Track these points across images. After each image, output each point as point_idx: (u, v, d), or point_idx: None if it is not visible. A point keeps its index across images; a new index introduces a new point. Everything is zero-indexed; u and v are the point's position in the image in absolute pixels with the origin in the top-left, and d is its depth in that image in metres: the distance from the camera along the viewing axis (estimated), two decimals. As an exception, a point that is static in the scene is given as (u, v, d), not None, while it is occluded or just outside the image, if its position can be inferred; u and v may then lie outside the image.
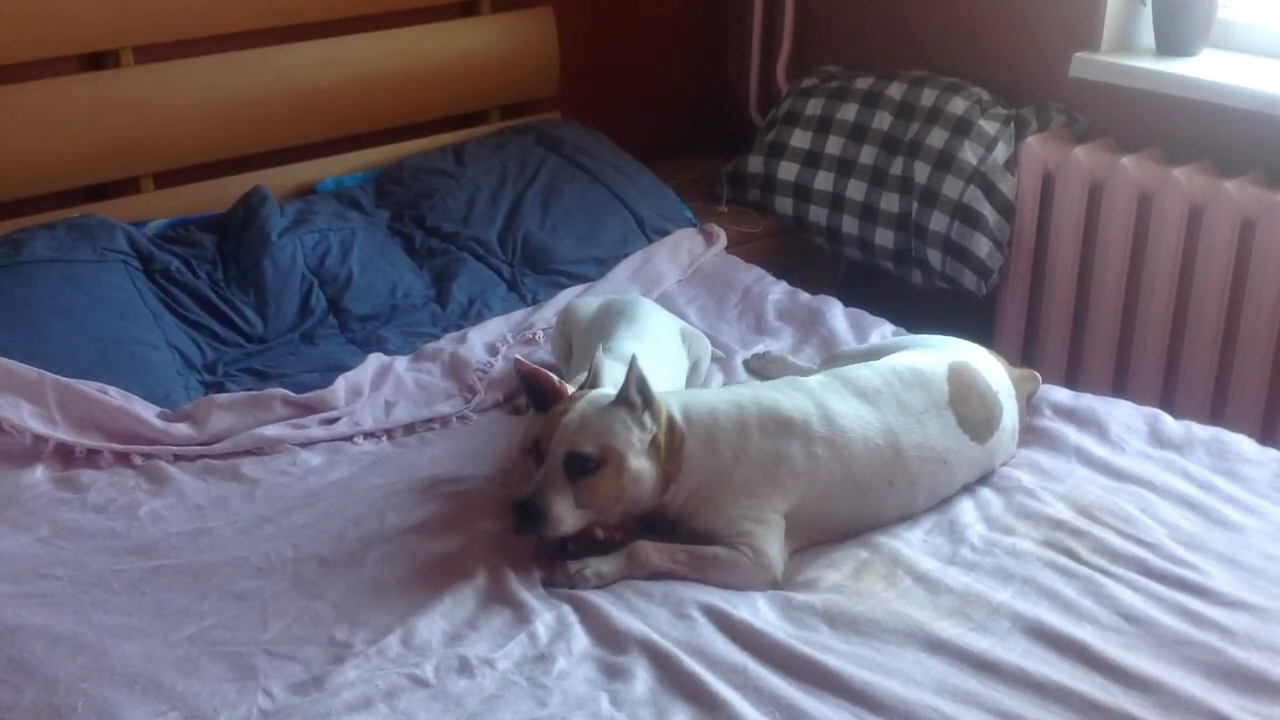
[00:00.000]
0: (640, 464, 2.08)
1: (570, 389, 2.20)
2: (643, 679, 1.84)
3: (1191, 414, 2.73)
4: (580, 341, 2.61)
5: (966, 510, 2.25)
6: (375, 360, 2.73)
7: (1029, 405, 2.53)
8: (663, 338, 2.58)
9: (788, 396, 2.20)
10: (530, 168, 3.37)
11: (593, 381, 2.18)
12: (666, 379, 2.41)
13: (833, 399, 2.21)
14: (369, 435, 2.54)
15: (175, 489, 2.34)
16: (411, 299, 3.01)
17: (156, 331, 2.72)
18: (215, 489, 2.35)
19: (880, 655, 1.89)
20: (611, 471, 2.05)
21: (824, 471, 2.15)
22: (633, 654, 1.89)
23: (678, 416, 2.13)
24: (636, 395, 2.06)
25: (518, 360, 2.24)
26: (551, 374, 2.24)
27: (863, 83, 3.49)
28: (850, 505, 2.18)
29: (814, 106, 3.54)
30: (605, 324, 2.58)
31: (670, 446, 2.11)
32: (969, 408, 2.29)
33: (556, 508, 2.03)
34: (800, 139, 3.53)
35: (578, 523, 2.06)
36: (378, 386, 2.67)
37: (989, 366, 2.40)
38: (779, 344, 2.88)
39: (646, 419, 2.08)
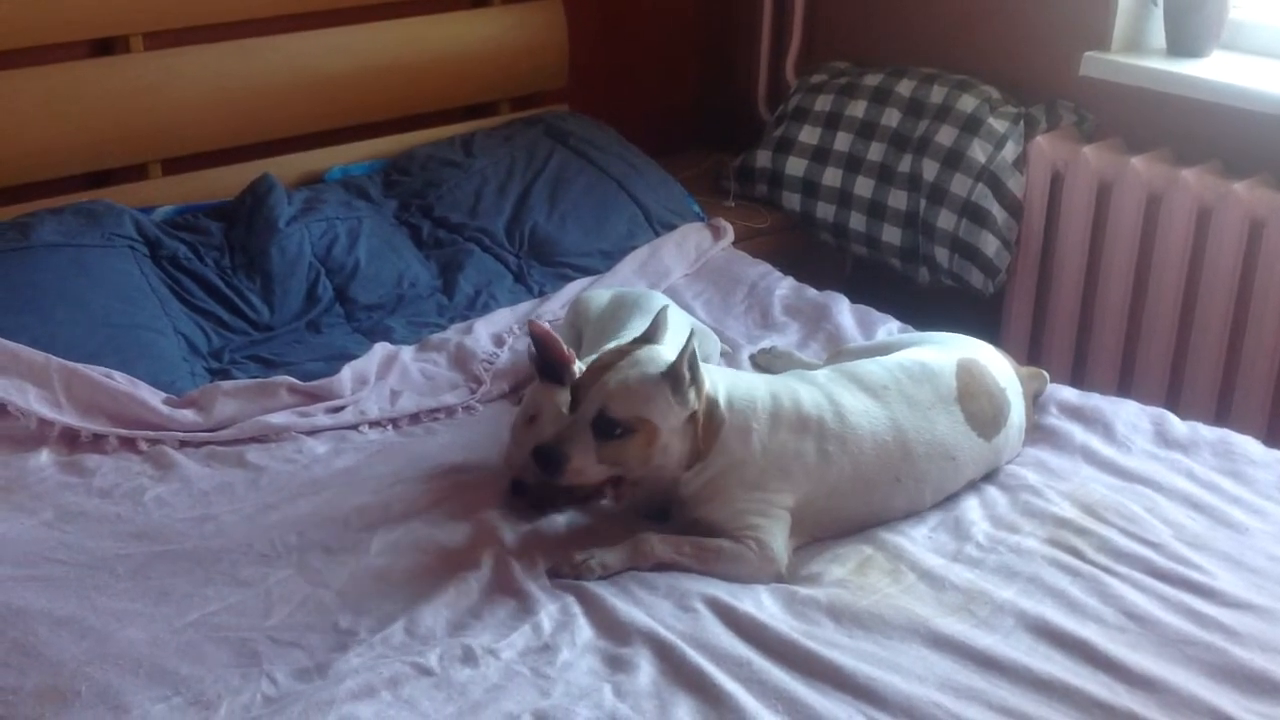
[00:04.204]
0: (671, 439, 2.06)
1: (579, 364, 2.21)
2: (646, 670, 1.84)
3: (1198, 414, 2.73)
4: (590, 333, 2.61)
5: (972, 508, 2.25)
6: (381, 349, 2.73)
7: (1035, 403, 2.53)
8: (676, 332, 2.57)
9: (806, 391, 2.20)
10: (538, 160, 3.37)
11: (650, 335, 2.15)
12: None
13: (843, 394, 2.21)
14: (374, 424, 2.54)
15: (180, 475, 2.34)
16: (418, 289, 3.01)
17: (163, 318, 2.72)
18: (220, 475, 2.35)
19: (884, 651, 1.89)
20: (640, 440, 2.04)
21: (834, 469, 2.15)
22: (636, 645, 1.89)
23: (722, 400, 2.11)
24: (686, 371, 2.04)
25: (531, 321, 2.24)
26: (563, 343, 2.24)
27: (872, 79, 3.49)
28: (857, 501, 2.18)
29: (823, 102, 3.54)
30: (618, 317, 2.58)
31: (708, 428, 2.09)
32: (977, 404, 2.29)
33: (577, 459, 2.02)
34: (809, 135, 3.53)
35: (597, 475, 2.06)
36: (383, 376, 2.67)
37: (997, 364, 2.40)
38: (785, 339, 2.88)
39: (690, 395, 2.06)
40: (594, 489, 2.14)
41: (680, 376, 2.04)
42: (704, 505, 2.12)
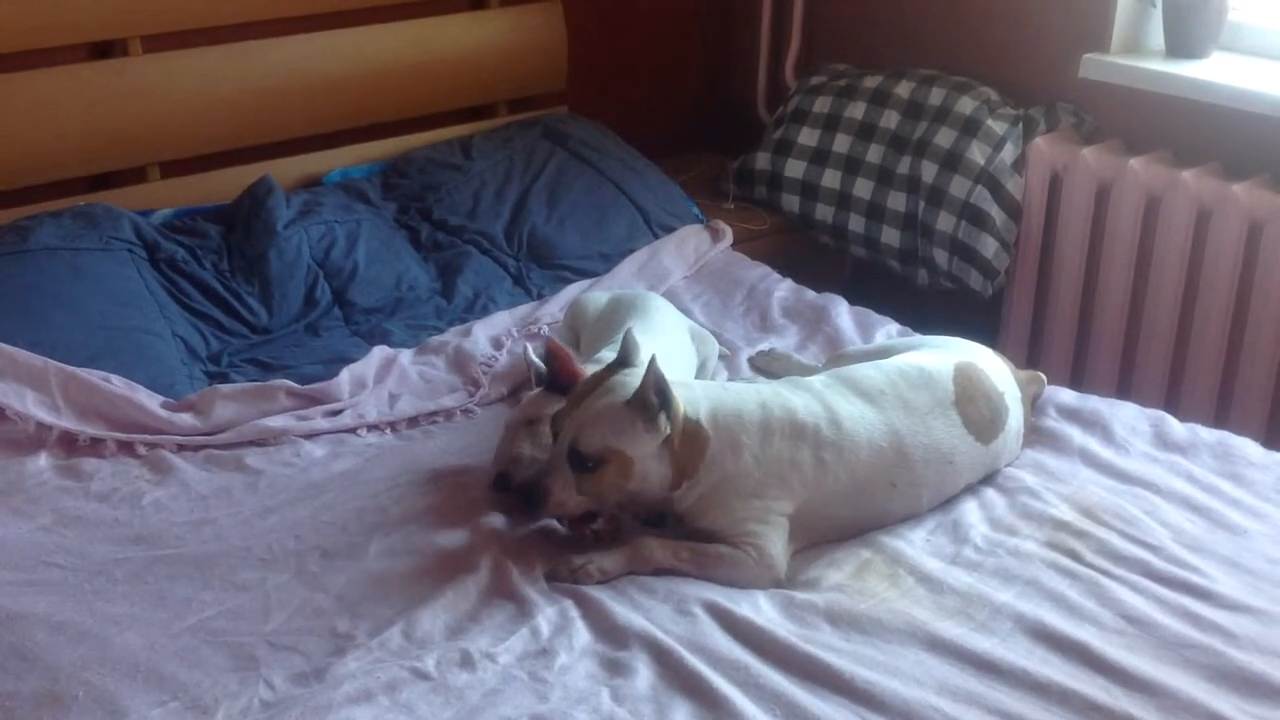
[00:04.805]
0: (647, 465, 2.06)
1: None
2: (644, 675, 1.84)
3: (1197, 417, 2.72)
4: (588, 335, 2.61)
5: (970, 510, 2.25)
6: (379, 352, 2.73)
7: (1034, 407, 2.53)
8: (672, 334, 2.57)
9: (799, 398, 2.19)
10: (537, 162, 3.37)
11: (624, 358, 2.14)
12: (676, 376, 2.39)
13: (838, 401, 2.20)
14: (373, 427, 2.54)
15: (178, 479, 2.34)
16: (417, 292, 3.01)
17: (161, 321, 2.72)
18: (218, 479, 2.35)
19: (882, 654, 1.89)
20: (613, 471, 2.05)
21: (830, 476, 2.14)
22: (634, 649, 1.89)
23: (704, 419, 2.10)
24: (654, 398, 2.04)
25: (549, 339, 2.23)
26: (576, 359, 2.23)
27: (871, 81, 3.49)
28: (853, 506, 2.17)
29: (822, 104, 3.54)
30: (614, 319, 2.57)
31: (690, 447, 2.08)
32: (974, 408, 2.29)
33: (558, 492, 2.04)
34: (808, 137, 3.53)
35: (578, 507, 2.07)
36: (382, 379, 2.66)
37: (995, 367, 2.39)
38: (784, 342, 2.88)
39: (662, 420, 2.05)
40: (581, 520, 2.12)
41: (648, 404, 2.04)
42: (701, 518, 2.12)
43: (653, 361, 2.04)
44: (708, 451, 2.09)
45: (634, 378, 2.09)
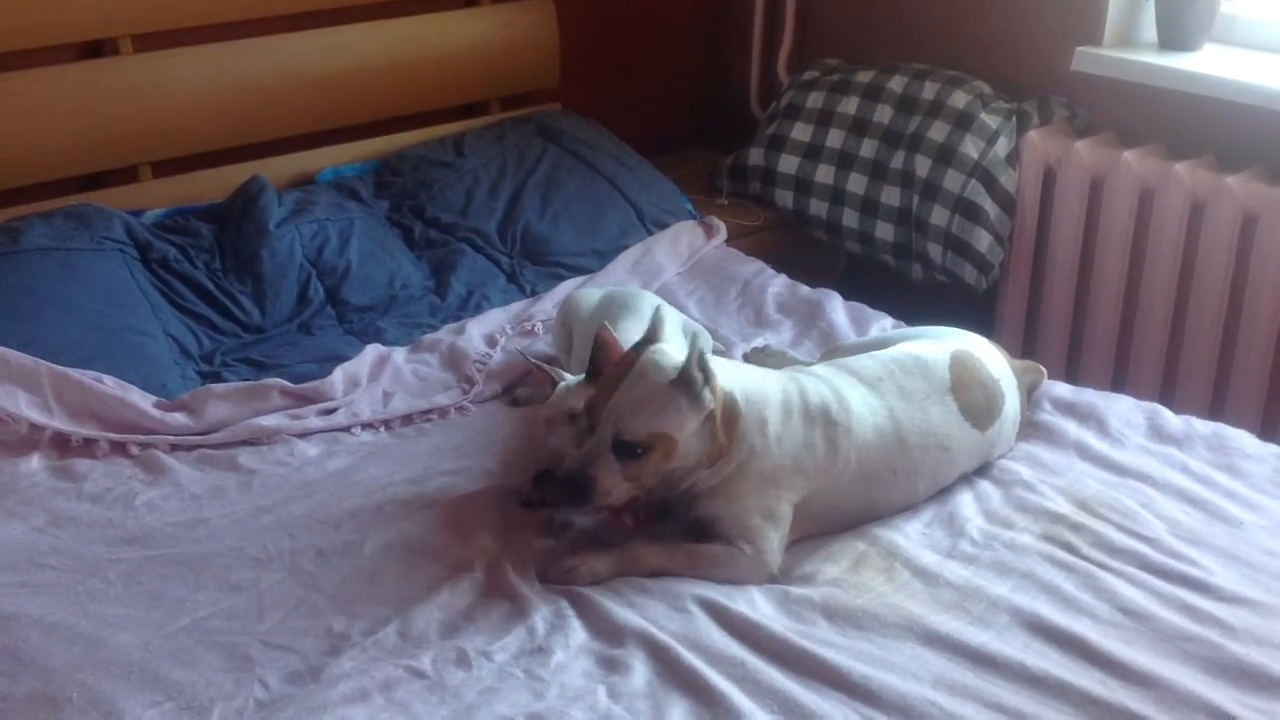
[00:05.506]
0: (690, 444, 2.04)
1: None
2: (640, 672, 1.84)
3: (1192, 409, 2.72)
4: (581, 332, 2.60)
5: (966, 503, 2.24)
6: (373, 351, 2.72)
7: (1031, 398, 2.53)
8: (673, 329, 2.56)
9: (809, 382, 2.19)
10: (530, 159, 3.37)
11: (653, 335, 2.11)
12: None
13: (843, 387, 2.20)
14: (367, 426, 2.53)
15: (172, 479, 2.33)
16: (410, 290, 3.00)
17: (154, 321, 2.71)
18: (212, 479, 2.34)
19: (878, 649, 1.89)
20: (659, 455, 2.02)
21: (840, 459, 2.14)
22: (630, 647, 1.89)
23: (738, 395, 2.09)
24: (698, 372, 2.02)
25: (601, 327, 2.20)
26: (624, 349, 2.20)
27: (864, 76, 3.49)
28: (857, 494, 2.17)
29: (815, 99, 3.53)
30: (608, 316, 2.56)
31: (728, 421, 2.07)
32: (970, 395, 2.29)
33: (604, 481, 2.01)
34: (801, 132, 3.53)
35: (625, 495, 2.04)
36: (376, 377, 2.66)
37: (991, 356, 2.39)
38: (779, 337, 2.88)
39: (705, 395, 2.03)
40: (622, 508, 2.10)
41: (693, 380, 2.02)
42: (713, 501, 2.10)
43: (695, 337, 2.02)
44: (740, 425, 2.08)
45: (664, 356, 2.06)
